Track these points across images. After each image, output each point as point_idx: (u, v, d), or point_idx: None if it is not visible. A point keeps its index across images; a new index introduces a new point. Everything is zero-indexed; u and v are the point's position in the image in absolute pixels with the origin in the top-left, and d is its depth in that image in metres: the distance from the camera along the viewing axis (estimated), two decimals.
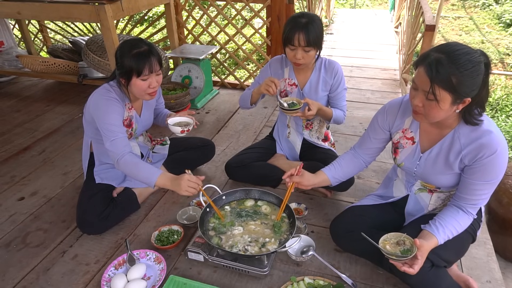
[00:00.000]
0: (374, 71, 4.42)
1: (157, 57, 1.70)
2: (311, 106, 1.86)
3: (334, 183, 1.70)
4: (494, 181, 1.30)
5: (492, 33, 7.52)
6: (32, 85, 3.87)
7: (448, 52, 1.16)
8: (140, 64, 1.63)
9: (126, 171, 1.69)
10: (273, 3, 3.24)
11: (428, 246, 1.31)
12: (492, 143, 1.23)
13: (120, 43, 1.72)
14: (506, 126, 4.69)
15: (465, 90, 1.16)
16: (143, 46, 1.67)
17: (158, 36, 5.72)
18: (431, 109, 1.22)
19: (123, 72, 1.67)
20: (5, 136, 2.86)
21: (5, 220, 1.98)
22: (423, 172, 1.45)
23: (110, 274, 1.58)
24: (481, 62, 1.16)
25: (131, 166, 1.66)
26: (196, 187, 1.62)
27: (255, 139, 2.78)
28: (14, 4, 2.62)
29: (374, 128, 1.60)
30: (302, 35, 1.75)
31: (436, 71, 1.15)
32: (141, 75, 1.65)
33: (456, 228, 1.35)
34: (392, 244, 1.38)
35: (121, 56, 1.66)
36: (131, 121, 1.87)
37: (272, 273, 1.62)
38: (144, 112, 1.96)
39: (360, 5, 10.16)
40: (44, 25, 4.48)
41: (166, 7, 3.28)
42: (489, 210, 2.45)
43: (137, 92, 1.72)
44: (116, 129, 1.69)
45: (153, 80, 1.70)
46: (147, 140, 2.15)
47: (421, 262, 1.29)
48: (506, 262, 2.38)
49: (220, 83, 3.80)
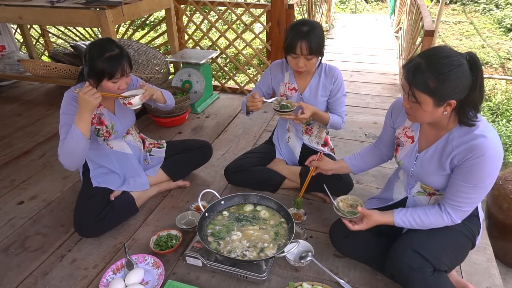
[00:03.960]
0: (374, 76, 4.42)
1: (128, 59, 1.71)
2: (304, 109, 1.87)
3: (356, 171, 1.80)
4: (480, 185, 1.28)
5: (493, 37, 7.53)
6: (33, 89, 3.88)
7: (428, 56, 1.22)
8: (114, 68, 1.65)
9: (64, 154, 1.68)
10: (273, 8, 3.26)
11: (379, 218, 1.46)
12: (483, 146, 1.24)
13: (89, 43, 1.73)
14: (507, 131, 4.69)
15: (444, 93, 1.20)
16: (114, 49, 1.67)
17: (159, 40, 5.73)
18: (416, 110, 1.29)
19: (94, 74, 1.67)
20: (6, 140, 2.87)
21: (4, 224, 1.98)
22: (418, 172, 1.46)
23: (108, 279, 1.58)
24: (461, 65, 1.18)
25: (63, 147, 1.66)
26: (93, 93, 1.60)
27: (254, 143, 2.78)
28: (16, 9, 2.64)
29: (385, 123, 1.67)
30: (304, 44, 1.75)
31: (413, 76, 1.22)
32: (113, 78, 1.67)
33: (421, 218, 1.40)
34: (346, 205, 1.59)
35: (92, 58, 1.66)
36: (101, 118, 1.86)
37: (270, 278, 1.61)
38: (118, 109, 1.93)
39: (360, 10, 10.20)
40: (45, 29, 4.50)
41: (166, 12, 3.29)
42: (489, 215, 2.44)
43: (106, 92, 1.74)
44: (68, 129, 1.68)
45: (123, 82, 1.73)
46: (138, 140, 2.12)
47: (364, 227, 1.47)
48: (506, 268, 2.37)
49: (220, 87, 3.81)
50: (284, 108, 1.90)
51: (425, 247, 1.37)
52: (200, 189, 1.94)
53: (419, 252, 1.36)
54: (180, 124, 3.08)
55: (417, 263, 1.35)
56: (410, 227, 1.43)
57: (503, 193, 2.33)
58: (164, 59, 3.25)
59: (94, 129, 1.85)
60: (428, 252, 1.36)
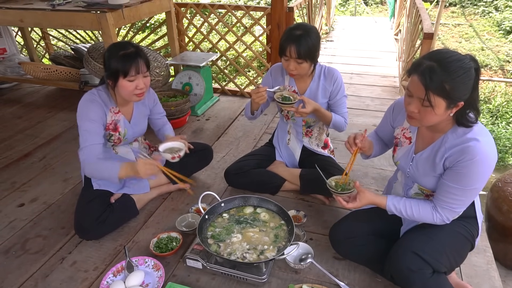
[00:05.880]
0: (374, 78, 4.43)
1: (144, 59, 1.72)
2: (306, 104, 1.87)
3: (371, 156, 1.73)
4: (469, 188, 1.30)
5: (492, 40, 7.55)
6: (34, 91, 3.89)
7: (439, 59, 1.20)
8: (127, 65, 1.66)
9: (91, 173, 1.76)
10: (273, 11, 3.27)
11: (373, 197, 1.47)
12: (474, 149, 1.25)
13: (108, 46, 1.76)
14: (507, 133, 4.69)
15: (458, 95, 1.21)
16: (130, 48, 1.70)
17: (159, 43, 5.76)
18: (426, 114, 1.27)
19: (110, 74, 1.70)
20: (7, 142, 2.87)
21: (4, 227, 1.99)
22: (414, 173, 1.47)
23: (109, 281, 1.58)
24: (471, 67, 1.21)
25: (94, 167, 1.73)
26: (154, 168, 1.68)
27: (254, 146, 2.79)
28: (17, 12, 2.66)
29: (385, 117, 1.68)
30: (293, 47, 1.77)
31: (430, 79, 1.19)
32: (128, 76, 1.68)
33: (412, 209, 1.42)
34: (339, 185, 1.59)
35: (109, 58, 1.69)
36: (117, 125, 1.88)
37: (270, 280, 1.61)
38: (134, 118, 1.97)
39: (360, 13, 10.22)
40: (46, 32, 4.52)
41: (167, 15, 3.31)
42: (489, 217, 2.44)
43: (124, 93, 1.74)
44: (89, 136, 1.73)
45: (140, 82, 1.73)
46: (143, 147, 2.16)
47: (357, 204, 1.47)
48: (506, 270, 2.37)
49: (220, 90, 3.82)
50: (286, 100, 1.90)
51: (425, 249, 1.37)
52: (200, 191, 1.94)
53: (419, 254, 1.36)
54: (181, 127, 3.09)
55: (416, 265, 1.35)
56: (399, 215, 1.46)
57: (502, 196, 2.33)
58: (164, 61, 3.26)
59: (108, 134, 1.87)
60: (427, 253, 1.36)
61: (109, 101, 1.83)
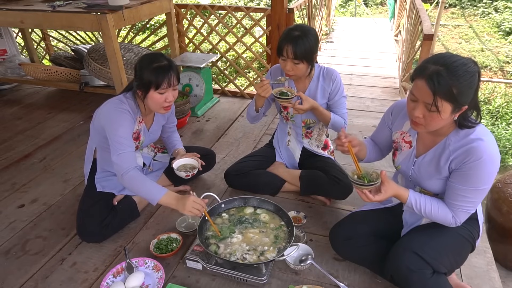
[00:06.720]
0: (374, 79, 4.43)
1: (176, 72, 1.72)
2: (303, 101, 1.87)
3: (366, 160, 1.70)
4: (477, 188, 1.30)
5: (492, 41, 7.56)
6: (34, 92, 3.90)
7: (446, 64, 1.19)
8: (160, 78, 1.65)
9: (129, 186, 1.70)
10: (273, 12, 3.28)
11: (396, 189, 1.37)
12: (479, 149, 1.25)
13: (141, 56, 1.75)
14: (507, 134, 4.69)
15: (464, 99, 1.21)
16: (163, 60, 1.70)
17: (159, 44, 5.76)
18: (432, 119, 1.25)
19: (142, 84, 1.69)
20: (7, 143, 2.88)
21: (4, 228, 1.99)
22: (417, 177, 1.47)
23: (109, 282, 1.58)
24: (476, 71, 1.20)
25: (135, 182, 1.67)
26: (201, 209, 1.64)
27: (254, 147, 2.79)
28: (18, 13, 2.66)
29: (382, 120, 1.66)
30: (290, 48, 1.77)
31: (438, 84, 1.18)
32: (159, 88, 1.67)
33: (432, 206, 1.37)
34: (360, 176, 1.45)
35: (141, 69, 1.68)
36: (139, 134, 1.88)
37: (270, 281, 1.61)
38: (153, 127, 1.98)
39: (360, 14, 10.23)
40: (46, 33, 4.52)
41: (167, 16, 3.31)
42: (489, 218, 2.44)
43: (153, 105, 1.74)
44: (125, 142, 1.70)
45: (170, 95, 1.72)
46: (150, 151, 2.17)
47: (382, 196, 1.34)
48: (506, 271, 2.37)
49: (220, 91, 3.82)
50: (284, 95, 1.90)
51: (425, 249, 1.37)
52: (200, 192, 1.94)
53: (419, 254, 1.36)
54: (181, 128, 3.09)
55: (416, 265, 1.35)
56: (416, 210, 1.39)
57: (502, 197, 2.33)
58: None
59: None
60: (427, 253, 1.36)
61: (136, 110, 1.81)
